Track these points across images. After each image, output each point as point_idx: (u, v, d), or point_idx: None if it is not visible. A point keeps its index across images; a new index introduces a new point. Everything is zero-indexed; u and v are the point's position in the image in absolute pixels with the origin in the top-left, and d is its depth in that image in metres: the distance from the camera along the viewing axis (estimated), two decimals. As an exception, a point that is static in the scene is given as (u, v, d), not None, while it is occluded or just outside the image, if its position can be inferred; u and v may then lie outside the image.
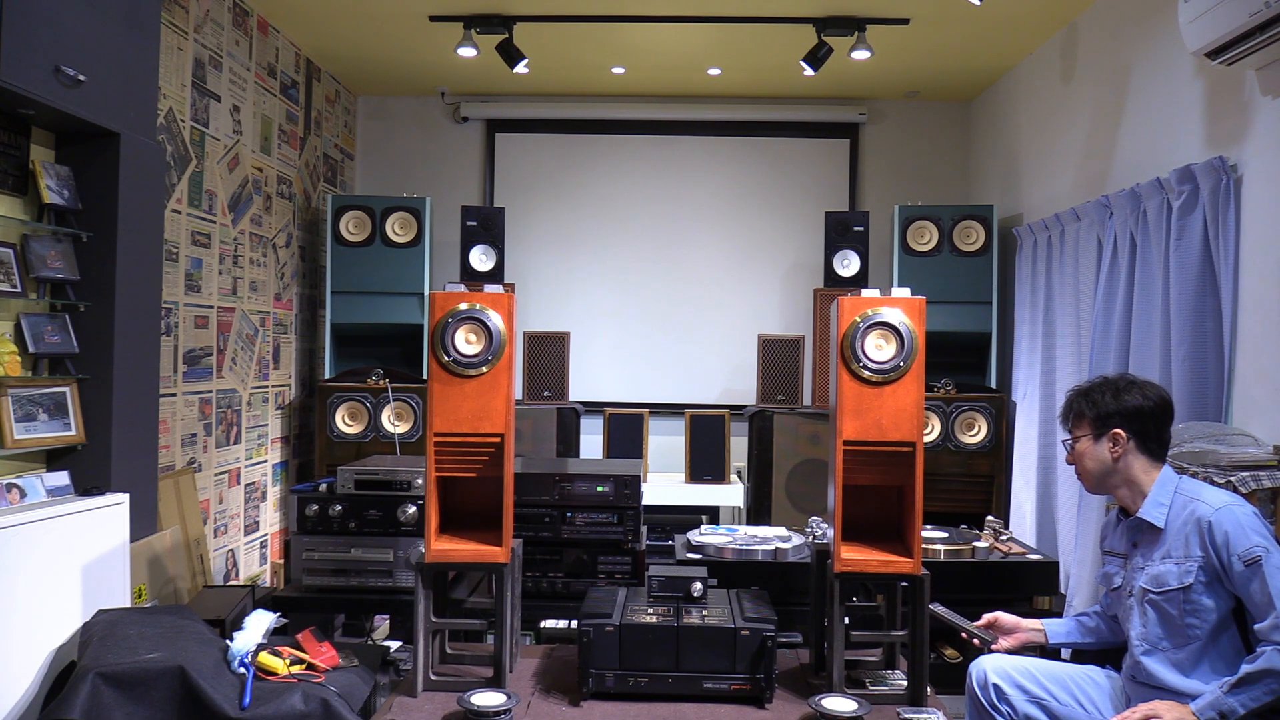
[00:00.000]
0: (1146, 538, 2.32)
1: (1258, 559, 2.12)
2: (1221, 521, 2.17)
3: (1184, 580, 2.20)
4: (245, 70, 4.61)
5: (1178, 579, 2.21)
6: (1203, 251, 3.29)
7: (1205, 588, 2.19)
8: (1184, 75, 3.58)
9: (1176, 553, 2.23)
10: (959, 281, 5.12)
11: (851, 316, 2.30)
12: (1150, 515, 2.30)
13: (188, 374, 4.10)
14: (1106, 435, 2.35)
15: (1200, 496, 2.26)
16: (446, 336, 2.33)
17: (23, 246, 2.88)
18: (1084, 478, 2.43)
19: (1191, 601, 2.19)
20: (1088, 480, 2.43)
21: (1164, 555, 2.25)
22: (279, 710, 2.17)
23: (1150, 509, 2.30)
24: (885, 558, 2.31)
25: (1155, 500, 2.30)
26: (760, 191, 6.17)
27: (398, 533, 3.00)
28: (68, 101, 2.80)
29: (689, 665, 2.29)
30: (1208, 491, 2.28)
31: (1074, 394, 2.46)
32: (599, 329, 6.10)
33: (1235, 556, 2.14)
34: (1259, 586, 2.11)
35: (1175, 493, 2.30)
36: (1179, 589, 2.20)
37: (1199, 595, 2.19)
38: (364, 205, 5.13)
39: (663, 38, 4.98)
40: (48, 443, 2.88)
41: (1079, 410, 2.42)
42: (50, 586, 2.60)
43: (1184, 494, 2.29)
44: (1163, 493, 2.31)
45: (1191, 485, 2.32)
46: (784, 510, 4.82)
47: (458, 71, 5.60)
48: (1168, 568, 2.24)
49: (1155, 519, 2.29)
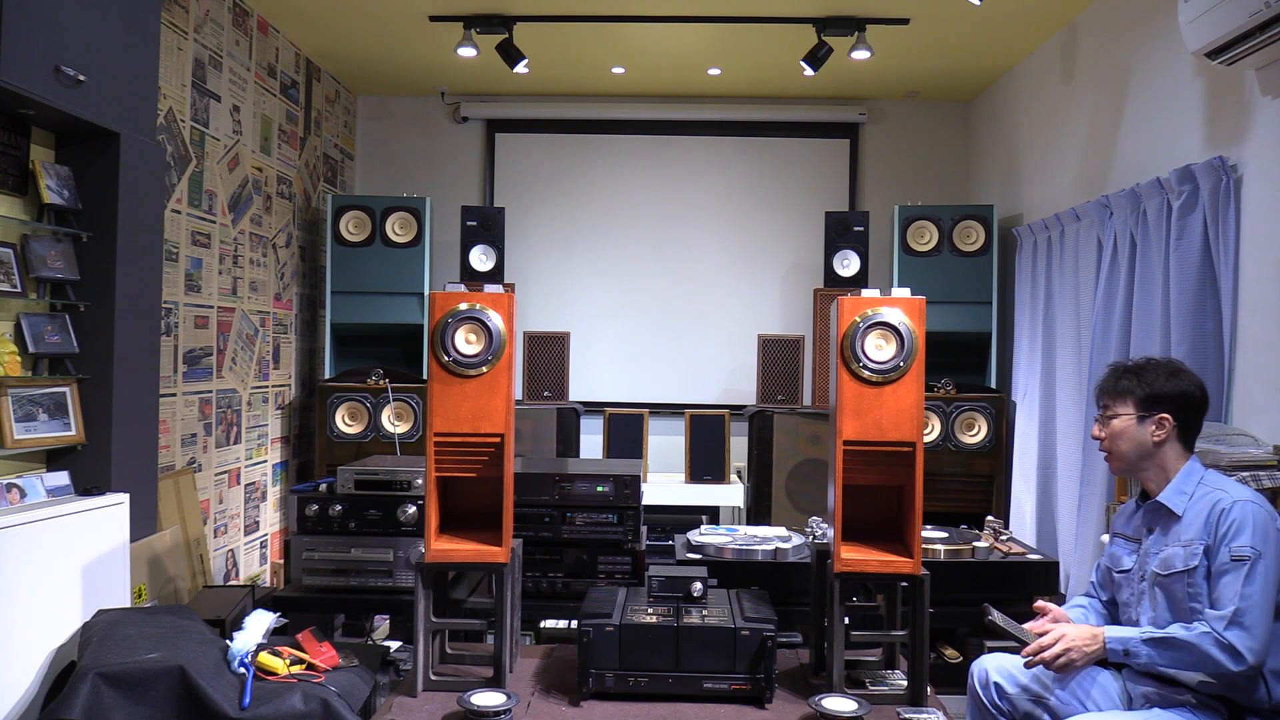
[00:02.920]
0: (1163, 522, 2.30)
1: (1246, 559, 2.11)
2: (1234, 512, 2.16)
3: (1189, 563, 2.19)
4: (245, 70, 4.61)
5: (1183, 561, 2.20)
6: (1203, 251, 3.29)
7: (1209, 571, 2.17)
8: (1184, 75, 3.58)
9: (1187, 536, 2.22)
10: (959, 281, 5.11)
11: (851, 316, 2.30)
12: (1170, 501, 2.27)
13: (188, 374, 4.10)
14: (1152, 418, 2.29)
15: (1224, 488, 2.24)
16: (446, 336, 2.33)
17: (23, 246, 2.88)
18: (1115, 457, 2.36)
19: (1195, 584, 2.18)
20: (1118, 460, 2.36)
21: (1176, 540, 2.24)
22: (279, 710, 2.17)
23: (1172, 495, 2.27)
24: (885, 558, 2.31)
25: (1178, 488, 2.28)
26: (760, 191, 6.16)
27: (398, 533, 3.00)
28: (68, 101, 2.80)
29: (689, 665, 2.29)
30: (1234, 485, 2.26)
31: (1121, 369, 2.37)
32: (599, 329, 6.10)
33: (1227, 546, 2.13)
34: (1230, 582, 2.11)
35: (1199, 483, 2.28)
36: (1184, 571, 2.19)
37: (1203, 579, 2.17)
38: (364, 205, 5.13)
39: (663, 38, 4.98)
40: (48, 443, 2.88)
41: (1126, 388, 2.32)
42: (50, 586, 2.60)
43: (1208, 485, 2.26)
44: (1187, 481, 2.28)
45: (1217, 478, 2.29)
46: (784, 510, 4.82)
47: (458, 71, 5.60)
48: (1175, 550, 2.22)
49: (1175, 505, 2.26)
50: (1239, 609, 2.08)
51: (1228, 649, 2.07)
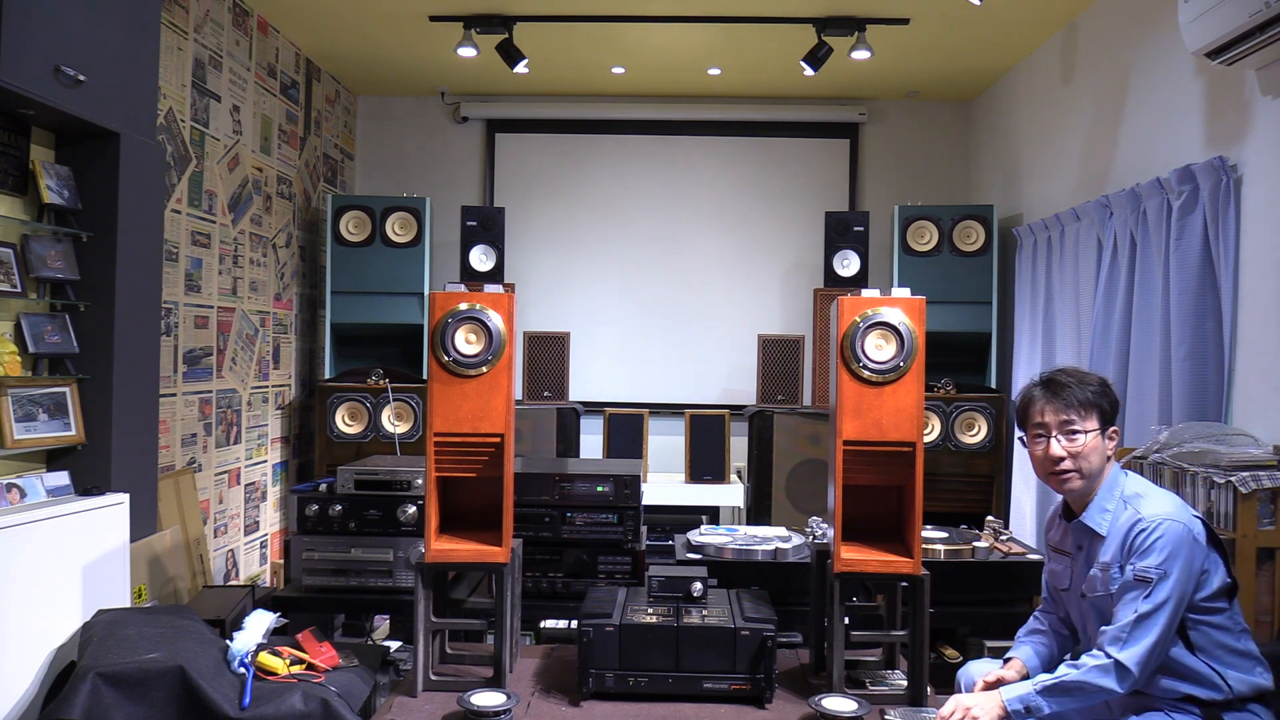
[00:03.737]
0: (1088, 541, 2.23)
1: (1149, 580, 2.04)
2: (1150, 532, 2.07)
3: (1110, 587, 2.13)
4: (245, 70, 4.61)
5: (1103, 585, 2.15)
6: (1203, 251, 3.29)
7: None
8: (1184, 75, 3.58)
9: (1104, 559, 2.15)
10: (959, 281, 5.11)
11: (851, 316, 2.30)
12: (1093, 521, 2.19)
13: (188, 374, 4.10)
14: (1109, 431, 2.22)
15: (1139, 506, 2.13)
16: (446, 336, 2.33)
17: (23, 246, 2.88)
18: (1080, 476, 2.20)
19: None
20: (1083, 481, 2.21)
21: (1098, 561, 2.18)
22: (279, 710, 2.17)
23: (1095, 514, 2.20)
24: (885, 558, 2.31)
25: (1100, 505, 2.19)
26: (760, 191, 6.16)
27: (398, 533, 3.00)
28: (68, 101, 2.80)
29: (689, 665, 2.29)
30: (1151, 500, 2.15)
31: (1073, 381, 2.22)
32: (599, 329, 6.10)
33: (1133, 565, 2.07)
34: (1130, 599, 2.05)
35: (1120, 498, 2.18)
36: (1105, 595, 2.14)
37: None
38: (364, 205, 5.13)
39: (663, 38, 4.98)
40: (48, 443, 2.88)
41: (1092, 400, 2.20)
42: (50, 586, 2.60)
43: (1126, 500, 2.17)
44: (1108, 497, 2.19)
45: (1136, 487, 2.20)
46: (784, 510, 4.82)
47: (458, 71, 5.60)
48: (1096, 573, 2.17)
49: (1098, 525, 2.18)
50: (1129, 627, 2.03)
51: (1114, 669, 2.02)
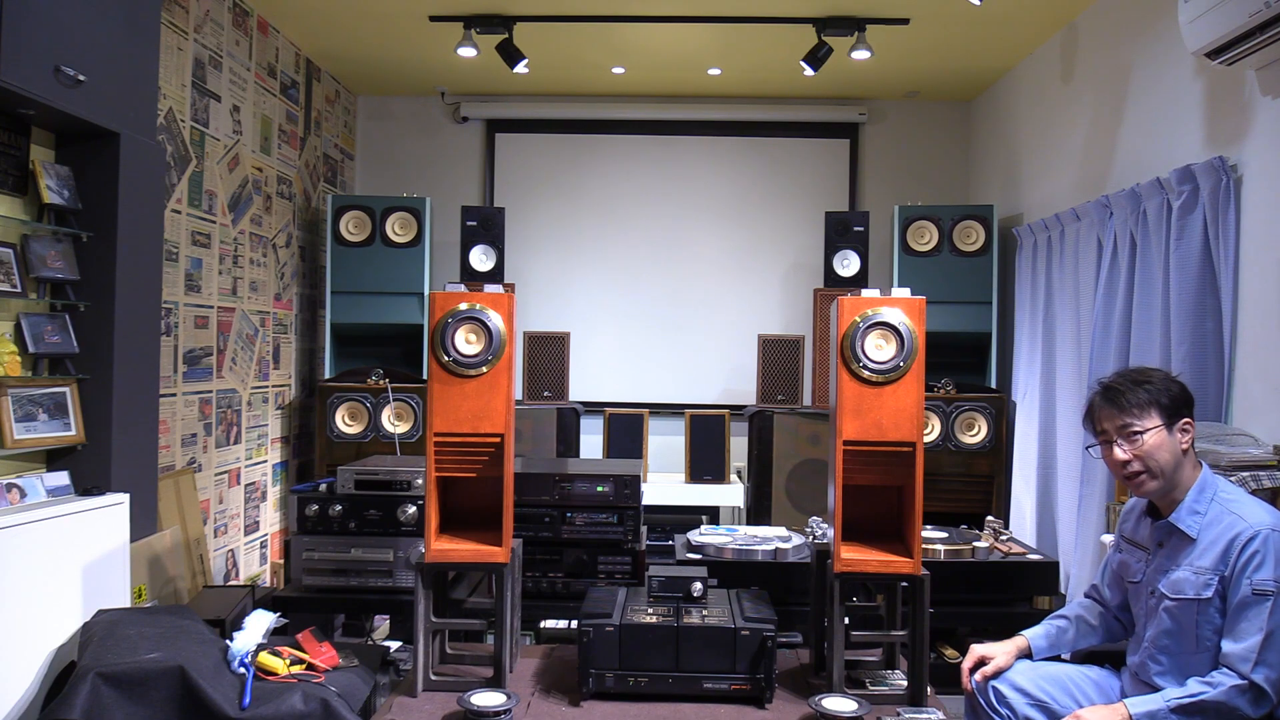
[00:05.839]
0: (1175, 541, 2.20)
1: (1270, 593, 2.02)
2: (1255, 543, 2.05)
3: (1202, 593, 2.10)
4: (245, 70, 4.61)
5: (1195, 590, 2.11)
6: (1203, 251, 3.29)
7: (1223, 602, 2.09)
8: (1184, 75, 3.58)
9: (1201, 563, 2.12)
10: (959, 281, 5.11)
11: (851, 316, 2.30)
12: (1184, 524, 2.15)
13: (188, 374, 4.10)
14: (1177, 425, 2.16)
15: (1241, 512, 2.11)
16: (446, 336, 2.33)
17: (23, 246, 2.88)
18: (1152, 476, 2.16)
19: (1207, 614, 2.10)
20: (1156, 480, 2.17)
21: (1189, 564, 2.14)
22: (279, 710, 2.17)
23: (1185, 516, 2.16)
24: (885, 558, 2.31)
25: (1191, 508, 2.16)
26: (760, 191, 6.16)
27: (398, 533, 3.00)
28: (68, 101, 2.80)
29: (689, 665, 2.29)
30: (1249, 506, 2.13)
31: (1128, 383, 2.20)
32: (599, 329, 6.10)
33: (1248, 579, 2.04)
34: (1253, 616, 2.03)
35: (1213, 500, 2.15)
36: (1194, 600, 2.11)
37: (1215, 611, 2.09)
38: (364, 205, 5.13)
39: (663, 38, 4.98)
40: (48, 443, 2.88)
41: (1149, 398, 2.15)
42: (50, 586, 2.60)
43: (1222, 503, 2.14)
44: (1200, 500, 2.16)
45: (1230, 493, 2.17)
46: (784, 510, 4.82)
47: (458, 71, 5.60)
48: (1187, 575, 2.13)
49: (1189, 528, 2.15)
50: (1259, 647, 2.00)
51: (1252, 691, 2.00)
